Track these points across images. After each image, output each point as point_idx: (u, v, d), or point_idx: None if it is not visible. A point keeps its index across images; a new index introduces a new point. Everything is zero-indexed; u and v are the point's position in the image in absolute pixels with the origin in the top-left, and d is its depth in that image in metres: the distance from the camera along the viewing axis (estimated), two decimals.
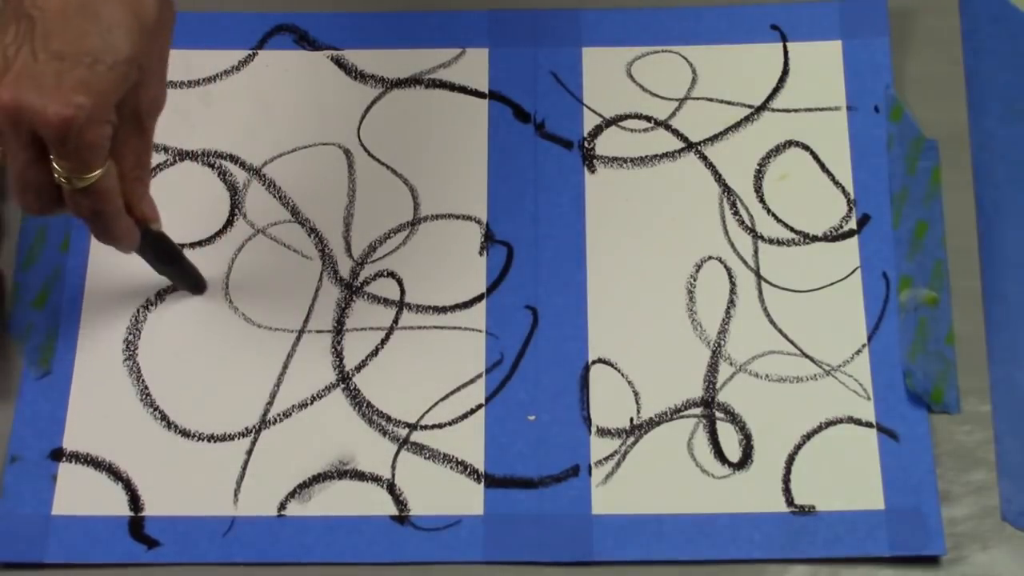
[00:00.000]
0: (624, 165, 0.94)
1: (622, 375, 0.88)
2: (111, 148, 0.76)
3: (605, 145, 0.94)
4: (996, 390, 0.88)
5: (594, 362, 0.89)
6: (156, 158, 0.94)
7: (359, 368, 0.89)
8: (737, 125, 0.94)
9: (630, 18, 0.97)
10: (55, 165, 0.75)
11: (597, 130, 0.94)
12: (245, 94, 0.96)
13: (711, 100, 0.95)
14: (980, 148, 0.93)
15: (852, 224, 0.92)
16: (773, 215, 0.92)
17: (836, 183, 0.93)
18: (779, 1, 0.97)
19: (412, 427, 0.87)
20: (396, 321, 0.90)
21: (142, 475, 0.86)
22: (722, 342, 0.89)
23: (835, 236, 0.91)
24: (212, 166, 0.94)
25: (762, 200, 0.93)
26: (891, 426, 0.87)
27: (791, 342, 0.89)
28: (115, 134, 0.76)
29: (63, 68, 0.72)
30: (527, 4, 0.97)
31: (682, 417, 0.87)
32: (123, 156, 0.77)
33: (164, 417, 0.88)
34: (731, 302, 0.90)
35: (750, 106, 0.95)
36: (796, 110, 0.95)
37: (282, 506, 0.85)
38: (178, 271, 0.89)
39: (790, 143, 0.94)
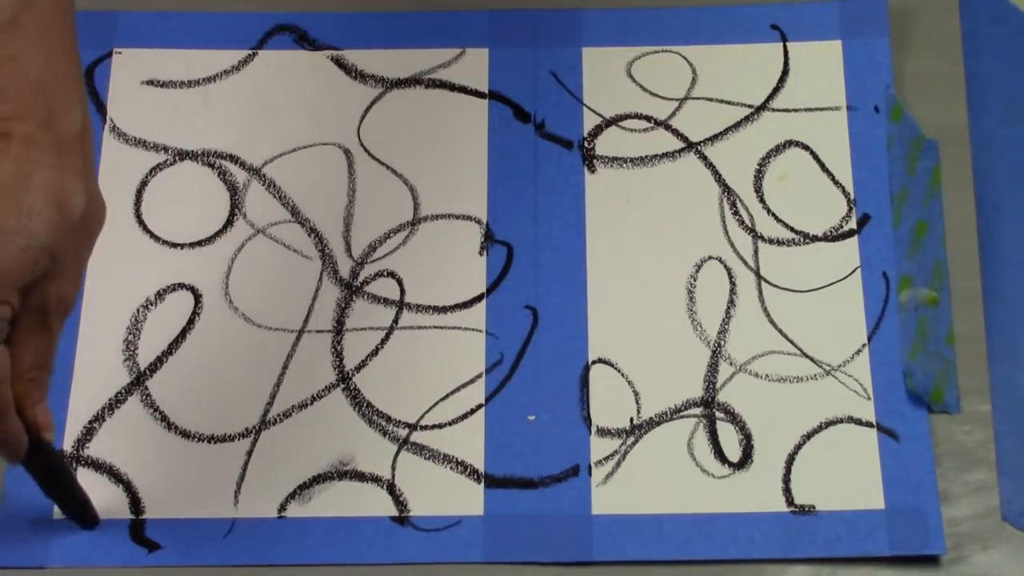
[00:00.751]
0: (624, 165, 0.94)
1: (622, 375, 0.88)
2: (11, 342, 0.73)
3: (605, 145, 0.94)
4: (996, 390, 0.88)
5: (594, 362, 0.89)
6: (156, 158, 0.94)
7: (359, 368, 0.89)
8: (737, 125, 0.94)
9: (630, 18, 0.97)
10: None
11: (597, 130, 0.94)
12: (245, 94, 0.96)
13: (711, 100, 0.95)
14: (980, 148, 0.93)
15: (852, 224, 0.92)
16: (773, 215, 0.92)
17: (836, 183, 0.93)
18: (779, 1, 0.97)
19: (412, 427, 0.87)
20: (396, 321, 0.90)
21: (142, 477, 0.86)
22: (722, 342, 0.89)
23: (835, 236, 0.91)
24: (212, 166, 0.94)
25: (762, 200, 0.93)
26: (891, 426, 0.87)
27: (791, 342, 0.89)
28: (17, 327, 0.73)
29: None
30: (527, 4, 0.97)
31: (682, 417, 0.87)
32: (21, 353, 0.73)
33: (164, 418, 0.88)
34: (731, 302, 0.90)
35: (750, 106, 0.95)
36: (796, 110, 0.95)
37: (282, 507, 0.85)
38: (67, 496, 0.83)
39: (790, 143, 0.94)
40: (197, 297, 0.91)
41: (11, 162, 0.71)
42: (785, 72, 0.96)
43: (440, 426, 0.87)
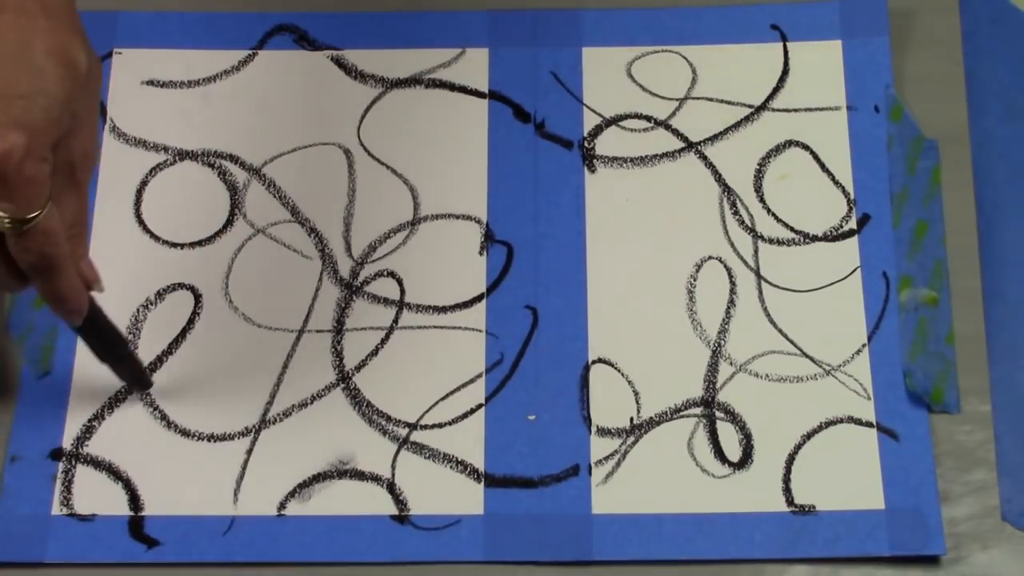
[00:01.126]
0: (624, 165, 0.94)
1: (622, 375, 0.88)
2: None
3: (605, 145, 0.94)
4: (996, 390, 0.88)
5: (594, 362, 0.89)
6: (156, 158, 0.94)
7: (359, 368, 0.89)
8: (737, 125, 0.94)
9: (630, 18, 0.97)
10: None
11: (597, 130, 0.94)
12: (245, 94, 0.96)
13: (711, 100, 0.95)
14: (980, 148, 0.93)
15: (852, 224, 0.92)
16: (773, 215, 0.92)
17: (836, 183, 0.93)
18: (779, 1, 0.97)
19: (412, 427, 0.87)
20: (396, 321, 0.90)
21: (142, 475, 0.86)
22: (722, 342, 0.89)
23: (835, 236, 0.91)
24: (212, 166, 0.94)
25: (762, 200, 0.93)
26: (891, 426, 0.87)
27: (791, 342, 0.89)
28: (51, 187, 0.74)
29: None
30: (527, 4, 0.97)
31: (682, 417, 0.87)
32: (60, 211, 0.76)
33: (164, 416, 0.88)
34: (731, 302, 0.90)
35: (750, 106, 0.95)
36: (796, 110, 0.95)
37: (282, 505, 0.85)
38: (122, 358, 0.86)
39: (790, 143, 0.94)
40: (197, 297, 0.91)
41: (10, 31, 0.73)
42: (785, 72, 0.96)
43: (440, 426, 0.87)
